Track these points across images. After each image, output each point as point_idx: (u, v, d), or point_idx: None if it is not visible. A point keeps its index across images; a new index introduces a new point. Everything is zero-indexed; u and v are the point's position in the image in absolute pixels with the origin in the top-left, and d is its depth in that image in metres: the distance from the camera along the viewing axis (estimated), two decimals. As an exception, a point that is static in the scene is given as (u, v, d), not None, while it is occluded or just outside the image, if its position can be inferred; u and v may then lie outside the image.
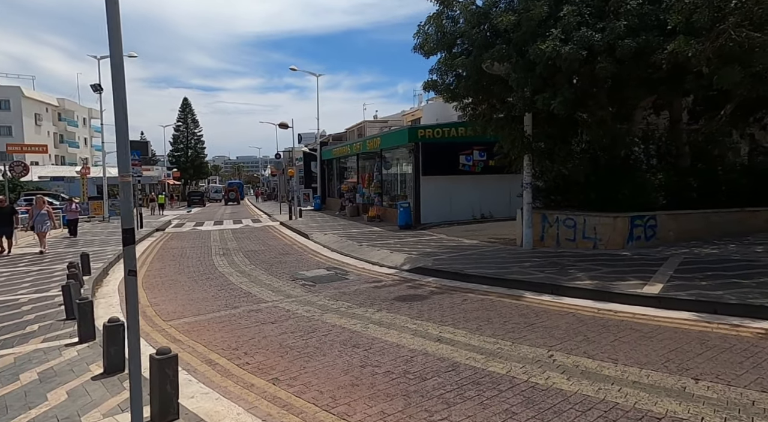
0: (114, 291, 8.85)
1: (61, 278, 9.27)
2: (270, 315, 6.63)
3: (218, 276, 9.94)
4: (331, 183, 30.84)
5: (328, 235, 15.58)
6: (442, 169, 16.71)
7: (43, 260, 11.85)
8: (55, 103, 59.00)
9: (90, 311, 5.23)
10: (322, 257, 12.09)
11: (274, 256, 12.45)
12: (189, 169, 63.83)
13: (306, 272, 9.95)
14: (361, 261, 11.08)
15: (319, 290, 8.14)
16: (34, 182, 36.60)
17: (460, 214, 17.08)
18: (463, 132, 16.75)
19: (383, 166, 20.44)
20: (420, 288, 8.00)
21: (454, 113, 31.96)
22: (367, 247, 12.36)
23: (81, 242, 15.62)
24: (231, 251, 13.64)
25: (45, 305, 7.10)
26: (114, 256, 12.34)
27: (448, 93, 10.25)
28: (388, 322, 5.96)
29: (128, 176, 2.59)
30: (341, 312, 6.56)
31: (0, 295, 7.89)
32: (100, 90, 23.81)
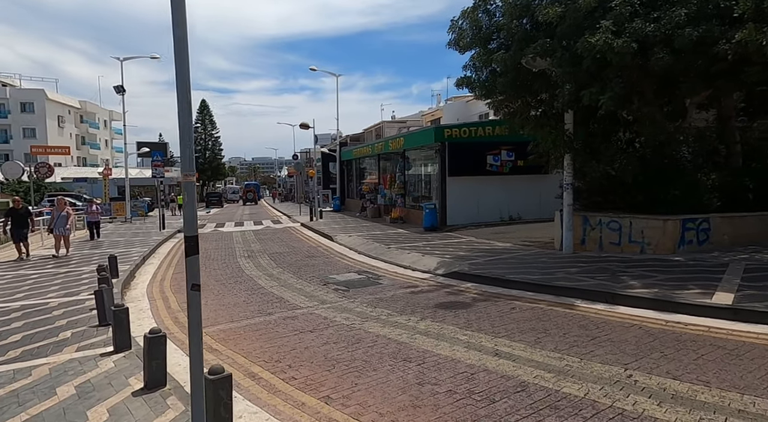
0: (143, 294, 8.64)
1: (90, 280, 9.12)
2: (307, 322, 6.31)
3: (246, 279, 9.68)
4: (350, 184, 30.56)
5: (352, 237, 15.26)
6: (468, 169, 16.26)
7: (69, 262, 11.77)
8: (78, 106, 60.08)
9: (126, 319, 4.97)
10: (350, 260, 11.76)
11: (301, 259, 12.17)
12: (207, 170, 64.32)
13: (337, 276, 9.63)
14: (392, 264, 10.72)
15: (354, 296, 7.80)
16: (58, 183, 37.16)
17: (487, 216, 16.61)
18: (490, 131, 16.30)
19: (406, 167, 20.06)
20: (460, 294, 7.60)
21: (474, 113, 31.46)
22: (395, 250, 12.00)
23: (105, 243, 15.59)
24: (256, 253, 13.41)
25: (76, 310, 6.90)
26: (140, 258, 12.21)
27: (484, 90, 9.83)
28: (436, 333, 5.57)
29: (192, 175, 2.28)
30: (382, 321, 6.20)
31: (30, 298, 7.74)
32: (122, 91, 23.95)
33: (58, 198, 13.59)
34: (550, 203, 17.09)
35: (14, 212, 12.37)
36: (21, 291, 8.33)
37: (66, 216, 12.84)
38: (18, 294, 8.08)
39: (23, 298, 7.79)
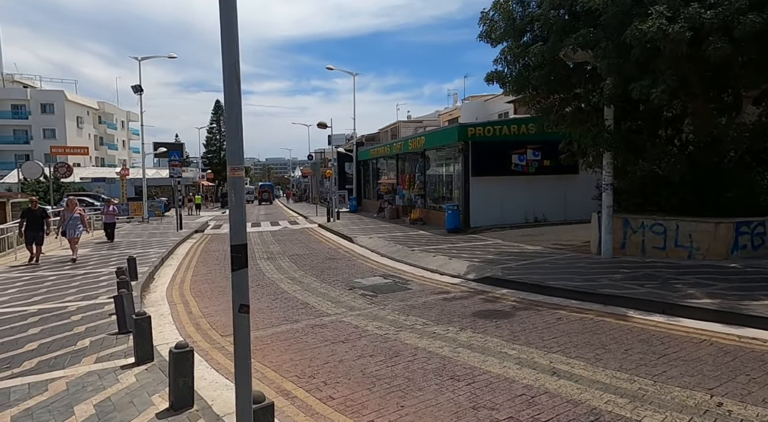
0: (162, 298, 8.32)
1: (108, 283, 8.84)
2: (338, 332, 5.89)
3: (268, 283, 9.31)
4: (367, 184, 30.18)
5: (373, 239, 14.84)
6: (493, 169, 15.72)
7: (87, 263, 11.55)
8: (96, 107, 60.84)
9: (148, 329, 4.60)
10: (374, 263, 11.33)
11: (322, 261, 11.78)
12: (222, 170, 64.46)
13: (361, 280, 9.21)
14: (417, 268, 10.27)
15: (383, 302, 7.37)
16: (77, 183, 37.50)
17: (511, 217, 16.04)
18: (515, 130, 15.74)
19: (426, 167, 19.58)
20: (497, 302, 7.11)
21: (493, 112, 30.80)
22: (420, 253, 11.53)
23: (123, 244, 15.42)
24: (275, 255, 13.07)
25: (95, 315, 6.58)
26: (158, 259, 11.95)
27: (516, 84, 9.31)
28: (480, 346, 5.10)
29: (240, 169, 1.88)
30: (419, 331, 5.75)
31: (48, 302, 7.46)
32: (140, 91, 23.90)
33: (68, 198, 12.71)
34: (576, 204, 16.52)
35: (30, 213, 11.69)
36: (39, 294, 8.08)
37: (78, 217, 12.07)
38: (36, 297, 7.83)
39: (41, 301, 7.52)
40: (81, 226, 12.11)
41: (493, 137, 15.56)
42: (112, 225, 16.22)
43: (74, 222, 11.96)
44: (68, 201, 12.63)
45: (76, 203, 12.36)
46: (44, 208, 12.69)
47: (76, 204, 12.33)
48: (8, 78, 55.68)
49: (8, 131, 52.60)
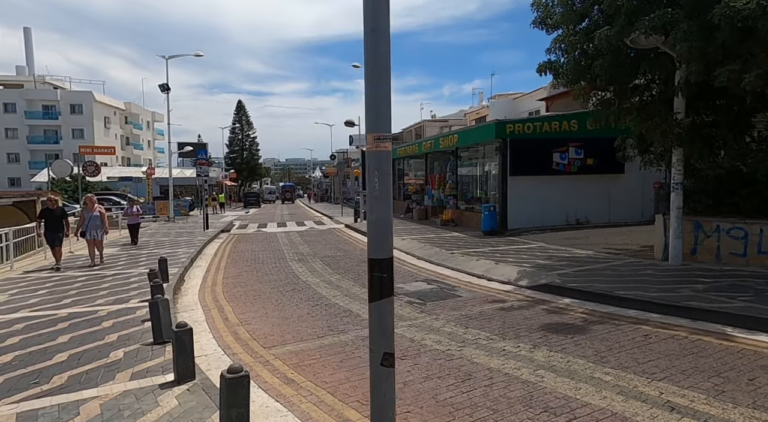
0: (195, 302, 7.84)
1: (139, 285, 8.43)
2: (393, 346, 5.25)
3: (304, 287, 8.76)
4: (393, 184, 29.55)
5: (406, 241, 14.19)
6: (532, 168, 14.89)
7: (116, 263, 11.22)
8: (123, 107, 61.89)
9: (189, 342, 4.06)
10: (412, 266, 10.69)
11: (357, 264, 11.19)
12: (244, 170, 64.91)
13: (404, 285, 8.57)
14: (461, 272, 9.58)
15: (434, 311, 6.72)
16: (104, 182, 37.96)
17: (551, 219, 15.18)
18: (557, 126, 14.88)
19: (458, 166, 18.83)
20: (564, 313, 6.37)
21: (523, 110, 29.83)
22: (461, 256, 10.83)
23: (151, 243, 15.15)
24: (306, 257, 12.55)
25: (127, 321, 6.12)
26: (188, 260, 11.56)
27: (574, 74, 8.53)
28: (565, 368, 4.40)
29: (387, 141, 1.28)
30: (485, 347, 5.07)
31: (78, 305, 7.05)
32: (167, 89, 23.81)
33: (86, 196, 11.39)
34: (621, 206, 15.54)
35: (49, 213, 10.70)
36: (68, 296, 7.70)
37: (98, 216, 10.96)
38: (65, 300, 7.44)
39: (71, 304, 7.12)
40: (102, 227, 10.99)
41: (533, 134, 14.74)
42: (136, 227, 15.15)
43: (94, 222, 10.90)
44: (86, 198, 11.41)
45: (95, 201, 11.24)
46: (63, 207, 11.62)
47: (95, 201, 11.21)
48: (39, 79, 57.07)
49: (39, 131, 53.87)
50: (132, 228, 15.11)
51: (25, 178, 50.18)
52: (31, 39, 60.73)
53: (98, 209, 11.12)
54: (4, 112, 52.61)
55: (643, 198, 15.59)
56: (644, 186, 15.46)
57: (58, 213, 10.81)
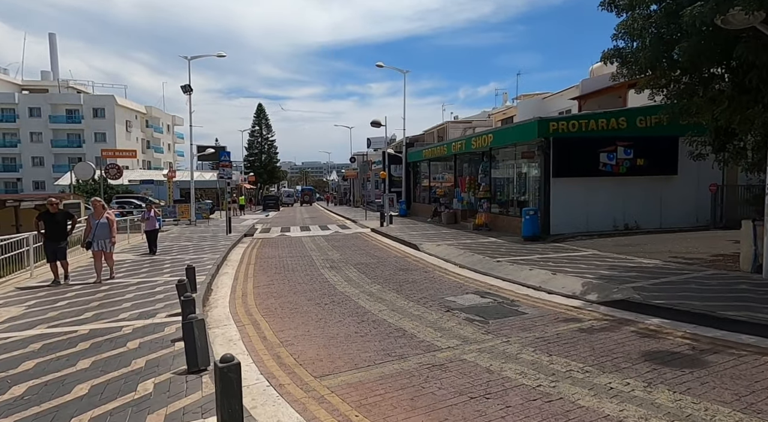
0: (227, 316, 7.09)
1: (165, 296, 7.74)
2: (469, 378, 4.39)
3: (343, 298, 7.96)
4: (417, 187, 28.70)
5: (441, 247, 13.30)
6: (577, 169, 13.88)
7: (140, 270, 10.59)
8: (143, 111, 62.45)
9: (237, 381, 3.27)
10: (455, 276, 9.80)
11: (394, 272, 10.35)
12: (263, 173, 64.81)
13: (455, 298, 7.70)
14: (514, 283, 8.67)
15: (501, 331, 5.83)
16: (125, 185, 37.98)
17: (598, 224, 14.13)
18: (603, 124, 13.85)
19: (492, 167, 17.88)
20: (659, 338, 5.41)
21: (553, 110, 28.73)
22: (508, 265, 9.90)
23: (174, 248, 14.56)
24: (338, 263, 11.76)
25: (155, 342, 5.38)
26: (214, 266, 10.89)
27: (649, 60, 7.55)
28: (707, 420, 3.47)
29: None
30: (584, 383, 4.17)
31: (99, 321, 6.36)
32: (189, 90, 23.42)
33: (93, 200, 9.52)
34: (673, 210, 14.36)
35: (49, 218, 8.91)
36: (90, 309, 7.03)
37: (106, 223, 9.23)
38: (87, 313, 6.77)
39: (93, 319, 6.44)
40: (110, 237, 9.28)
41: (578, 133, 13.73)
42: (154, 234, 13.40)
43: (102, 231, 9.17)
44: (93, 201, 9.53)
45: (103, 205, 9.46)
46: (67, 211, 9.88)
47: (103, 206, 9.44)
48: (63, 83, 57.92)
49: (63, 135, 54.60)
50: (151, 235, 13.37)
51: (49, 182, 50.85)
52: (56, 44, 61.82)
53: (106, 215, 9.31)
54: (29, 116, 53.48)
55: (698, 201, 14.45)
56: (699, 188, 14.34)
57: (60, 218, 9.04)
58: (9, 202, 15.16)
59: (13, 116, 53.37)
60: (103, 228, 9.22)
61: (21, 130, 53.55)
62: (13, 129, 53.67)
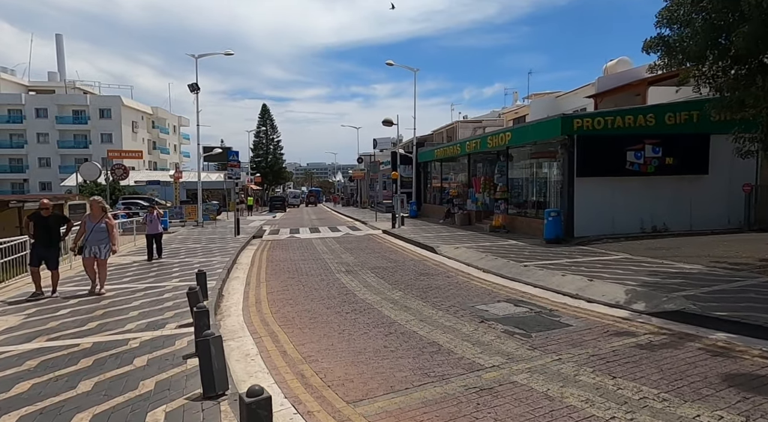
0: (241, 327, 6.53)
1: (174, 304, 7.20)
2: (525, 406, 3.80)
3: (365, 306, 7.38)
4: (427, 188, 28.09)
5: (460, 250, 12.71)
6: (603, 168, 13.23)
7: (147, 274, 10.08)
8: (150, 112, 62.25)
9: (267, 419, 2.69)
10: (481, 281, 9.20)
11: (415, 277, 9.77)
12: (268, 174, 64.46)
13: (486, 307, 7.10)
14: (548, 290, 8.06)
15: (547, 346, 5.23)
16: (131, 186, 37.65)
17: (623, 226, 13.47)
18: (630, 121, 13.20)
19: (510, 167, 17.26)
20: (734, 357, 4.78)
21: (567, 108, 28.03)
22: (538, 270, 9.30)
23: (182, 251, 14.05)
24: (354, 267, 11.20)
25: (164, 358, 4.83)
26: (224, 270, 10.36)
27: (699, 48, 6.93)
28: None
29: None
30: (668, 416, 3.56)
31: (103, 333, 5.82)
32: (197, 89, 22.98)
33: (91, 200, 8.39)
34: (703, 211, 13.66)
35: (40, 221, 7.77)
36: (94, 318, 6.50)
37: (104, 228, 8.07)
38: (90, 323, 6.23)
39: (96, 330, 5.90)
40: (107, 244, 8.09)
41: (604, 130, 13.08)
42: (158, 237, 12.23)
43: (98, 235, 7.99)
44: (91, 203, 8.30)
45: (104, 207, 8.27)
46: (62, 214, 8.74)
47: (104, 208, 8.26)
48: (70, 84, 57.83)
49: (69, 136, 54.46)
50: (153, 238, 12.03)
51: (55, 183, 50.67)
52: (62, 45, 61.76)
53: (105, 220, 8.13)
54: (35, 117, 53.37)
55: (730, 202, 13.77)
56: (731, 188, 13.67)
57: (52, 222, 7.86)
58: (12, 202, 14.71)
59: (19, 117, 53.29)
60: (99, 233, 8.03)
61: (27, 131, 53.46)
62: (19, 130, 53.59)
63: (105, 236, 8.08)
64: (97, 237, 8.05)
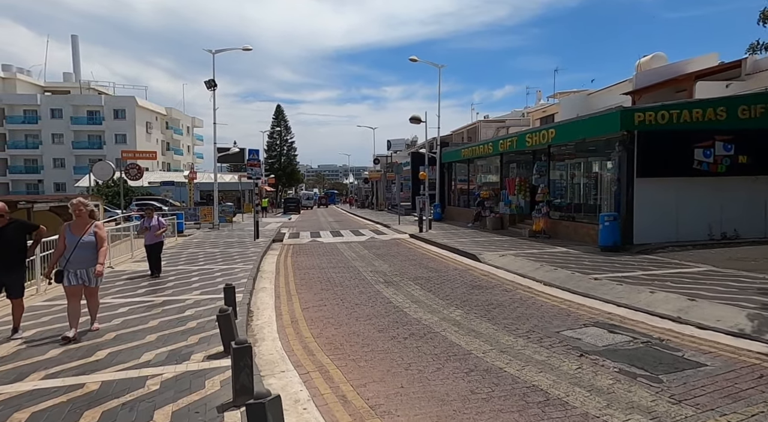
0: (281, 355, 5.34)
1: (199, 324, 6.05)
2: None
3: (423, 330, 6.15)
4: (451, 189, 26.80)
5: (507, 258, 11.42)
6: (667, 167, 11.86)
7: (165, 285, 8.95)
8: (164, 112, 61.88)
9: None
10: (549, 297, 7.92)
11: (467, 291, 8.51)
12: (282, 175, 63.63)
13: (574, 333, 5.83)
14: (635, 311, 6.77)
15: (697, 400, 3.95)
16: (145, 187, 36.93)
17: (689, 232, 12.08)
18: (698, 115, 11.81)
19: (552, 167, 15.92)
20: None
21: (599, 107, 26.58)
22: (616, 285, 7.99)
23: (200, 256, 12.96)
24: (392, 277, 9.98)
25: (193, 409, 3.65)
26: (249, 280, 9.23)
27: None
28: None
29: None
30: None
31: (114, 366, 4.67)
32: (214, 86, 22.01)
33: (73, 203, 5.79)
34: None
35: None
36: (105, 344, 5.37)
37: (92, 242, 5.62)
38: (100, 352, 5.10)
39: (107, 363, 4.76)
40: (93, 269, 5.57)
41: (668, 125, 11.72)
42: (157, 249, 9.70)
43: (84, 253, 5.55)
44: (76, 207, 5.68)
45: (92, 212, 5.85)
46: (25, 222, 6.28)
47: (92, 213, 5.83)
48: (85, 85, 57.65)
49: (84, 136, 54.22)
50: (153, 249, 9.66)
51: (69, 184, 50.37)
52: (78, 46, 61.73)
53: (94, 230, 5.67)
54: (51, 117, 53.20)
55: (810, 206, 12.26)
56: (811, 191, 12.15)
57: (12, 234, 5.47)
58: (21, 203, 13.79)
59: (35, 118, 53.16)
60: (85, 249, 5.51)
61: (42, 132, 53.30)
62: (35, 131, 53.46)
63: (91, 253, 5.59)
64: (83, 256, 5.51)
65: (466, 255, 12.71)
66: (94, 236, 5.66)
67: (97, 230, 5.72)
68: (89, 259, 5.60)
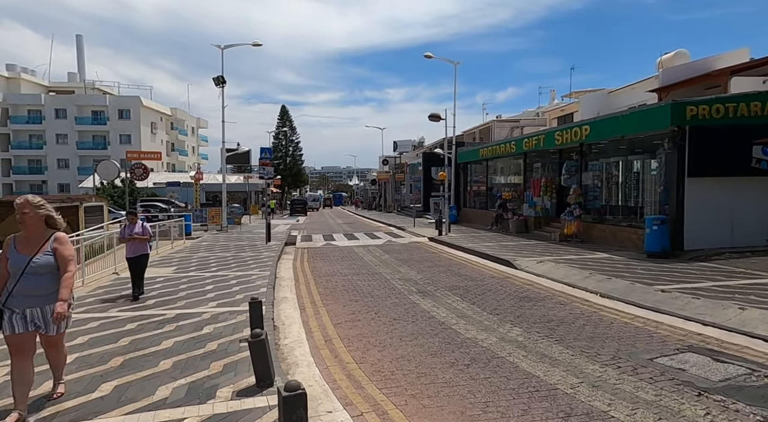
0: (323, 388, 4.38)
1: (219, 345, 5.12)
2: None
3: (485, 354, 5.19)
4: (467, 190, 25.82)
5: (546, 265, 10.45)
6: (721, 166, 10.88)
7: (176, 296, 8.00)
8: (169, 113, 61.17)
9: None
10: (614, 312, 6.94)
11: (515, 303, 7.54)
12: (287, 176, 62.77)
13: (671, 362, 4.86)
14: (730, 332, 5.78)
15: None
16: (150, 188, 36.13)
17: (744, 237, 11.08)
18: (757, 109, 10.82)
19: (585, 167, 14.94)
20: None
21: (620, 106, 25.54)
22: (693, 299, 7.00)
23: (212, 261, 12.03)
24: (424, 286, 9.02)
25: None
26: (267, 287, 8.31)
27: None
28: None
29: None
30: None
31: (125, 406, 3.72)
32: (222, 82, 21.15)
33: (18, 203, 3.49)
34: None
35: None
36: (111, 373, 4.43)
37: (51, 264, 3.53)
38: (105, 384, 4.16)
39: (115, 400, 3.81)
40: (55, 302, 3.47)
41: (724, 119, 10.73)
42: (141, 263, 7.76)
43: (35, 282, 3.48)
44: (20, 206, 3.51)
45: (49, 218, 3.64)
46: None
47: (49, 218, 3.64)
48: (89, 84, 57.04)
49: (88, 137, 53.54)
50: (136, 263, 7.69)
51: (74, 184, 49.62)
52: (82, 46, 61.14)
53: (53, 245, 3.59)
54: (55, 117, 52.53)
55: None
56: None
57: None
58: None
59: (39, 118, 52.50)
60: (38, 277, 3.51)
61: (47, 132, 52.63)
62: (39, 131, 52.81)
63: (53, 282, 3.55)
64: (34, 287, 3.49)
65: (498, 261, 11.73)
66: (53, 255, 3.55)
67: (58, 246, 3.59)
68: (45, 292, 3.51)
